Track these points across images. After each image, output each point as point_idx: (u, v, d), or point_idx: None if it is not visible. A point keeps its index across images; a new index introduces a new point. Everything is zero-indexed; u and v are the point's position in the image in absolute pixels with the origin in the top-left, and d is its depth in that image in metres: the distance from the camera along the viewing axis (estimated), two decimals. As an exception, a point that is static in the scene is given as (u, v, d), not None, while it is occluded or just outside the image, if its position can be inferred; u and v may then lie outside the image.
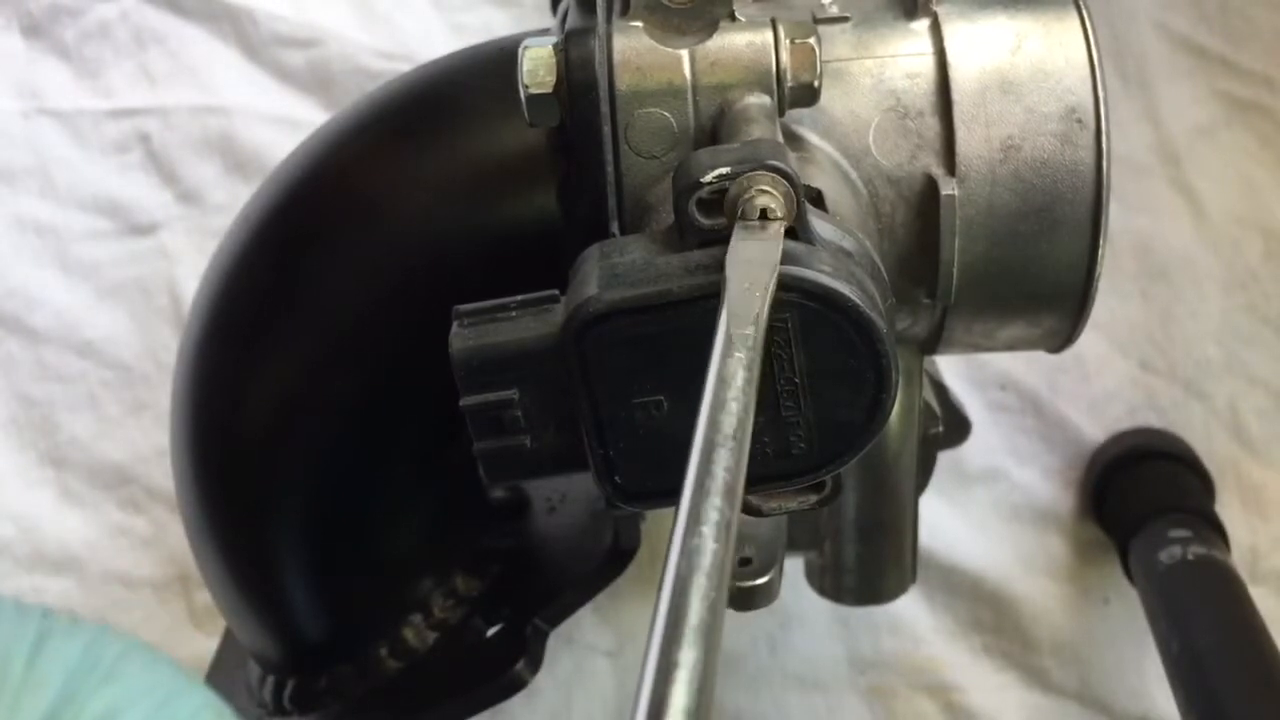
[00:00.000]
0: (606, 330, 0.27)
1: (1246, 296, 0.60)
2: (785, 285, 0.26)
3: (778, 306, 0.26)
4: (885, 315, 0.28)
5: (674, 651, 0.16)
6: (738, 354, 0.22)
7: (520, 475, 0.30)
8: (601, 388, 0.28)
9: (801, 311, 0.26)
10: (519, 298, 0.29)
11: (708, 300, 0.26)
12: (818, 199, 0.31)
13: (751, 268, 0.24)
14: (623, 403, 0.28)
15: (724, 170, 0.27)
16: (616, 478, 0.29)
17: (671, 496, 0.29)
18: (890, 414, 0.28)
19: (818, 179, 0.32)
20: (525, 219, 0.38)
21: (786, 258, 0.26)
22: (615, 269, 0.28)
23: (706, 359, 0.25)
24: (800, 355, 0.27)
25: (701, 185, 0.27)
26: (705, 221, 0.27)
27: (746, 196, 0.27)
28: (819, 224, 0.28)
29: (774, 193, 0.27)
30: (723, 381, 0.22)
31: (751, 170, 0.27)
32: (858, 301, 0.26)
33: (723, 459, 0.20)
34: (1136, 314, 0.60)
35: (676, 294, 0.27)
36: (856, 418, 0.28)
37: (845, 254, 0.28)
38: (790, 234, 0.28)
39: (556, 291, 0.29)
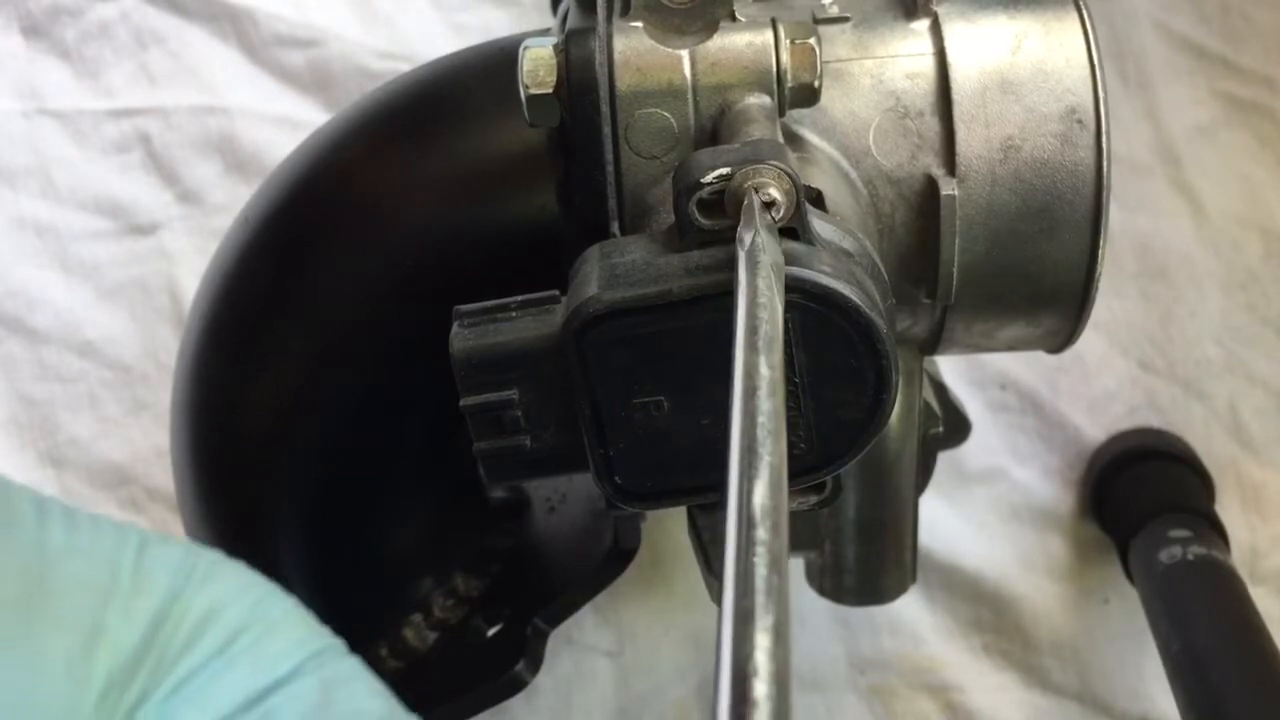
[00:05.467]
0: (607, 330, 0.27)
1: (1246, 296, 0.60)
2: (787, 286, 0.26)
3: None
4: (885, 316, 0.28)
5: (750, 655, 0.16)
6: (764, 349, 0.22)
7: (520, 475, 0.30)
8: (602, 388, 0.28)
9: (802, 312, 0.26)
10: (519, 298, 0.29)
11: (708, 300, 0.26)
12: (818, 199, 0.31)
13: (764, 264, 0.24)
14: (623, 403, 0.28)
15: (724, 170, 0.27)
16: (616, 478, 0.29)
17: (672, 496, 0.29)
18: (890, 414, 0.28)
19: (818, 179, 0.32)
20: (525, 219, 0.38)
21: (787, 258, 0.26)
22: (615, 269, 0.28)
23: (707, 359, 0.25)
24: (800, 355, 0.27)
25: (702, 185, 0.27)
26: (705, 222, 0.27)
27: (747, 196, 0.27)
28: (819, 224, 0.28)
29: (774, 192, 0.27)
30: (753, 375, 0.22)
31: (752, 170, 0.27)
32: (858, 302, 0.26)
33: (769, 453, 0.20)
34: (1136, 314, 0.60)
35: (676, 294, 0.27)
36: (857, 418, 0.28)
37: (845, 254, 0.28)
38: (790, 234, 0.28)
39: (557, 292, 0.29)
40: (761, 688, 0.16)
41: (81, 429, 0.59)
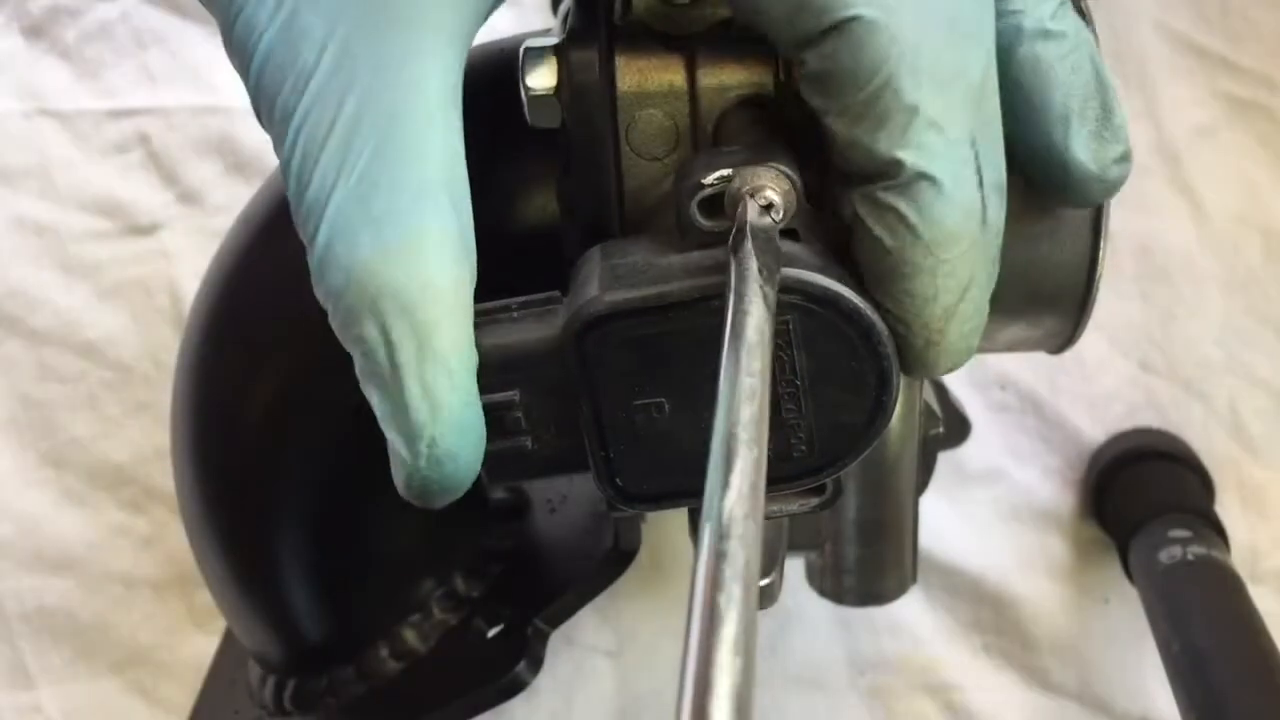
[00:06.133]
0: (608, 332, 0.27)
1: (1246, 296, 0.60)
2: (787, 287, 0.26)
3: (781, 308, 0.26)
4: None
5: (711, 668, 0.16)
6: (749, 353, 0.22)
7: (521, 476, 0.30)
8: (602, 390, 0.27)
9: (803, 314, 0.26)
10: (520, 299, 0.29)
11: (709, 301, 0.26)
12: (819, 200, 0.31)
13: (751, 268, 0.24)
14: (624, 405, 0.28)
15: (725, 172, 0.27)
16: (617, 480, 0.29)
17: (672, 498, 0.29)
18: (892, 416, 0.28)
19: (819, 180, 0.32)
20: (526, 220, 0.38)
21: (788, 259, 0.26)
22: (616, 270, 0.28)
23: (708, 361, 0.25)
24: (801, 357, 0.27)
25: (703, 186, 0.27)
26: (707, 223, 0.27)
27: (747, 196, 0.27)
28: (821, 226, 0.28)
29: (775, 194, 0.27)
30: (734, 382, 0.22)
31: (753, 171, 0.27)
32: (859, 304, 0.26)
33: (743, 461, 0.20)
34: (1136, 314, 0.60)
35: (677, 295, 0.27)
36: (858, 420, 0.28)
37: None
38: (792, 235, 0.27)
39: (558, 293, 0.29)
40: (722, 705, 0.16)
41: (81, 429, 0.59)
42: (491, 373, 0.27)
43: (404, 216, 0.25)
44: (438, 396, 0.26)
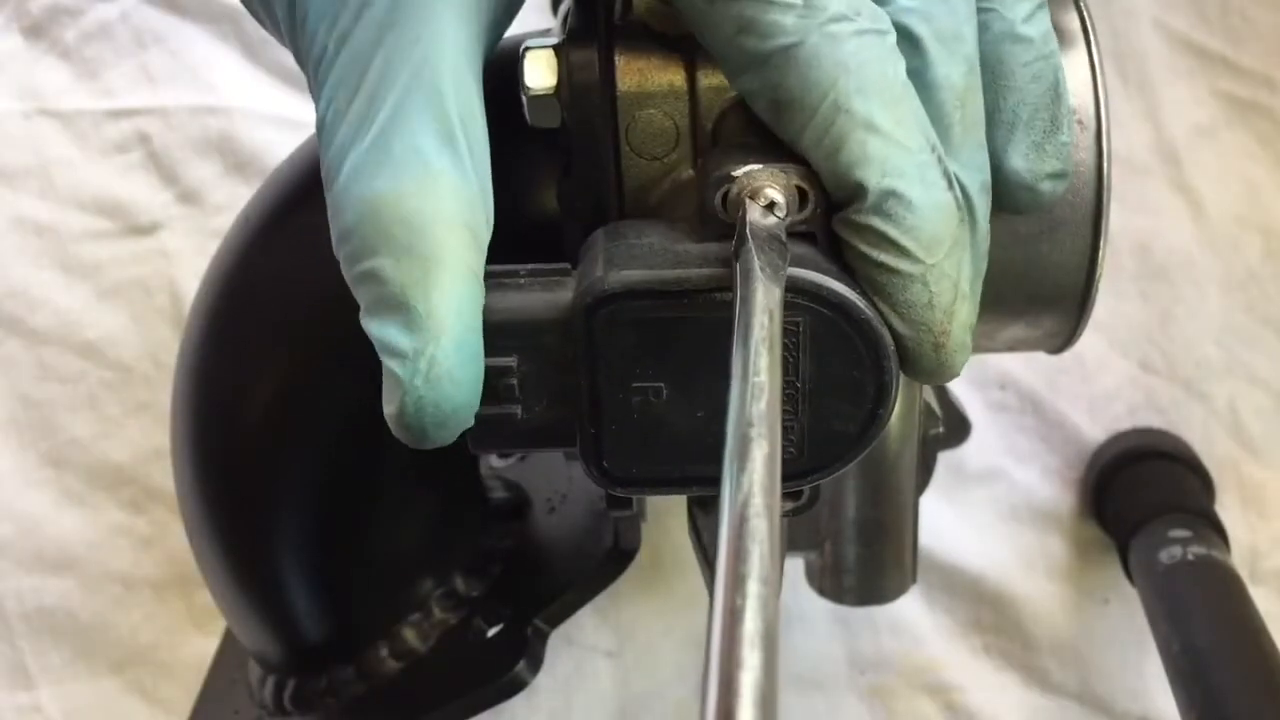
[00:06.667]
0: (619, 309, 0.27)
1: (1246, 296, 0.60)
2: (801, 289, 0.26)
3: (793, 309, 0.26)
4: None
5: (736, 667, 0.16)
6: (760, 344, 0.22)
7: (505, 444, 0.30)
8: (604, 367, 0.27)
9: (814, 317, 0.26)
10: (530, 266, 0.29)
11: (724, 293, 0.26)
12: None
13: (764, 261, 0.25)
14: (622, 385, 0.27)
15: (756, 167, 0.27)
16: (603, 460, 0.28)
17: (655, 484, 0.29)
18: (882, 431, 0.28)
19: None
20: (525, 220, 0.38)
21: (806, 261, 0.26)
22: (633, 249, 0.28)
23: (712, 352, 0.25)
24: (806, 361, 0.27)
25: (732, 179, 0.27)
26: (730, 216, 0.27)
27: (760, 189, 0.27)
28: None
29: (779, 195, 0.27)
30: (746, 376, 0.22)
31: (783, 167, 0.27)
32: (870, 315, 0.27)
33: (756, 458, 0.20)
34: (1136, 314, 0.60)
35: (695, 282, 0.27)
36: (850, 430, 0.28)
37: None
38: (810, 239, 0.28)
39: (568, 265, 0.29)
40: (747, 700, 0.16)
41: (81, 429, 0.59)
42: (492, 336, 0.27)
43: (421, 160, 0.26)
44: (440, 316, 0.26)
